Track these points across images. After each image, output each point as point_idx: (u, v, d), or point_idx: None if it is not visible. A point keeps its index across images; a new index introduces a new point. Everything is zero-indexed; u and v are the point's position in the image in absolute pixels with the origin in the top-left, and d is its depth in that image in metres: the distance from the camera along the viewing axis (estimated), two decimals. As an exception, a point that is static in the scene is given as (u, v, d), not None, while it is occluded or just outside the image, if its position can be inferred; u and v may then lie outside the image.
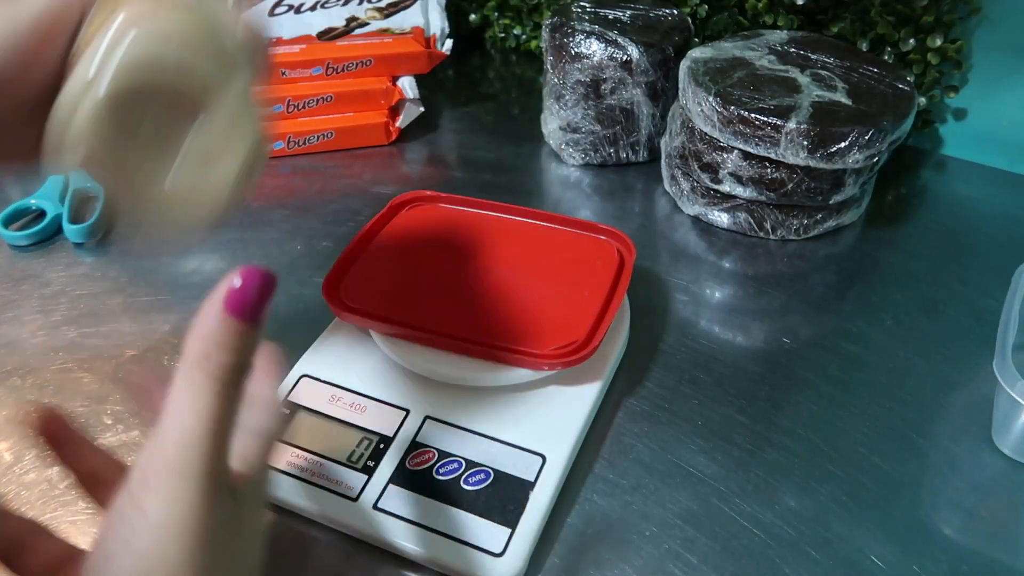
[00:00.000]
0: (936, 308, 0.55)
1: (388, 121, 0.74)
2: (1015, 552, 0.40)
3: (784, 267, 0.59)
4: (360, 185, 0.70)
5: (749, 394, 0.49)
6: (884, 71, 0.60)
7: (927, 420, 0.47)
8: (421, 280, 0.50)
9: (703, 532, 0.41)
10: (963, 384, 0.49)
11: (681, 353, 0.52)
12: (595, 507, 0.42)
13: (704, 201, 0.62)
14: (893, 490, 0.43)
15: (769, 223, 0.60)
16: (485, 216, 0.55)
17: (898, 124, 0.55)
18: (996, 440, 0.45)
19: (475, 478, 0.41)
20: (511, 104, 0.83)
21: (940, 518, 0.42)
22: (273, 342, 0.31)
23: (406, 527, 0.40)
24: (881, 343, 0.52)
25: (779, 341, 0.53)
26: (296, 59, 0.71)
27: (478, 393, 0.46)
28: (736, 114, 0.55)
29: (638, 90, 0.65)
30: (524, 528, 0.39)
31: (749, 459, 0.45)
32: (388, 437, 0.44)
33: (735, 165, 0.58)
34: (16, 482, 0.44)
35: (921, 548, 0.40)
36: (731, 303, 0.56)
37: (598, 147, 0.69)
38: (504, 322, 0.46)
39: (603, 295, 0.47)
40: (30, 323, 0.55)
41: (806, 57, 0.61)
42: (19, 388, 0.50)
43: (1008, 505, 0.43)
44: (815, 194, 0.58)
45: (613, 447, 0.45)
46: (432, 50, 0.73)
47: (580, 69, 0.65)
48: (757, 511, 0.42)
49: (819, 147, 0.54)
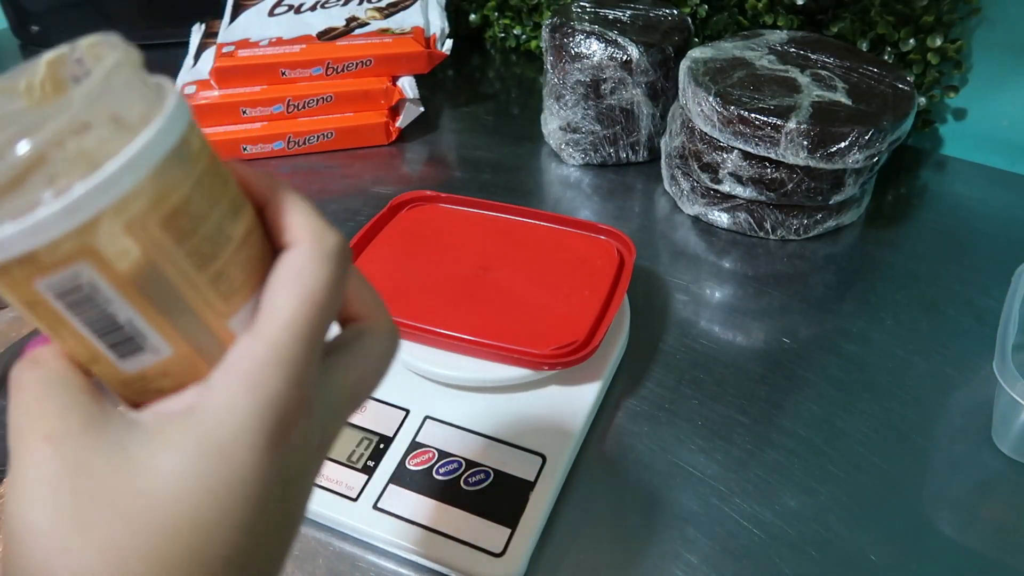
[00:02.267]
0: (936, 308, 0.55)
1: (388, 121, 0.74)
2: (1015, 552, 0.40)
3: (784, 267, 0.59)
4: (360, 185, 0.70)
5: (749, 394, 0.49)
6: (884, 71, 0.60)
7: (927, 420, 0.47)
8: (421, 280, 0.50)
9: (703, 532, 0.41)
10: (963, 384, 0.49)
11: (681, 353, 0.52)
12: (595, 507, 0.42)
13: (704, 201, 0.62)
14: (893, 490, 0.43)
15: (769, 223, 0.60)
16: (485, 216, 0.55)
17: (898, 124, 0.55)
18: (996, 440, 0.45)
19: (475, 478, 0.41)
20: (511, 104, 0.83)
21: (940, 518, 0.42)
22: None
23: (406, 527, 0.40)
24: (881, 343, 0.52)
25: (779, 341, 0.53)
26: (296, 59, 0.71)
27: (478, 393, 0.46)
28: (736, 114, 0.55)
29: (638, 90, 0.65)
30: (524, 528, 0.39)
31: (749, 459, 0.45)
32: (388, 437, 0.44)
33: (735, 165, 0.58)
34: (16, 482, 0.44)
35: (921, 548, 0.40)
36: (731, 303, 0.56)
37: (598, 147, 0.69)
38: (504, 322, 0.46)
39: (603, 295, 0.47)
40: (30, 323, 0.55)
41: (806, 57, 0.61)
42: (19, 388, 0.50)
43: (1008, 505, 0.43)
44: (815, 194, 0.58)
45: (613, 447, 0.45)
46: (432, 50, 0.73)
47: (580, 69, 0.65)
48: (757, 511, 0.42)
49: (819, 147, 0.54)
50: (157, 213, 0.18)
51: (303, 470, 0.21)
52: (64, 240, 0.17)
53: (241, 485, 0.19)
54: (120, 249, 0.18)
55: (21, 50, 0.95)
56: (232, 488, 0.19)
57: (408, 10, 0.78)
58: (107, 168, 0.17)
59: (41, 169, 0.17)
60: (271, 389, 0.19)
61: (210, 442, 0.19)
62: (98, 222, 0.17)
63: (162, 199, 0.18)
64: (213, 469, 0.19)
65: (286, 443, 0.20)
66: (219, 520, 0.19)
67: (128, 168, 0.17)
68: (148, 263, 0.19)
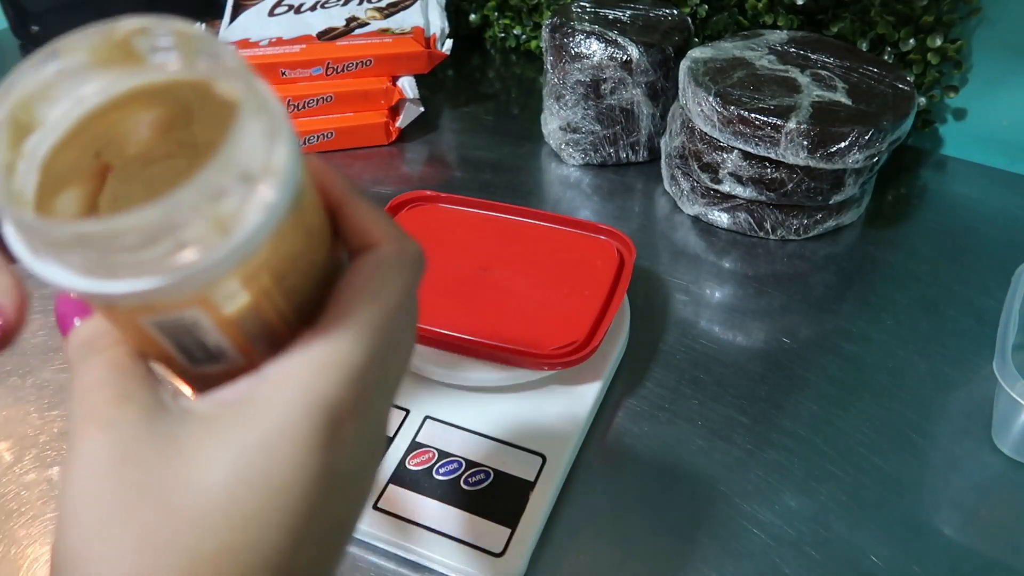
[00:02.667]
0: (936, 308, 0.55)
1: (388, 121, 0.74)
2: (1015, 552, 0.40)
3: (784, 267, 0.59)
4: (360, 185, 0.69)
5: (749, 394, 0.49)
6: (884, 71, 0.60)
7: (927, 420, 0.47)
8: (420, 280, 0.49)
9: (703, 532, 0.41)
10: (963, 384, 0.49)
11: (681, 353, 0.52)
12: (595, 507, 0.42)
13: (704, 201, 0.62)
14: (893, 490, 0.43)
15: (769, 223, 0.60)
16: (485, 216, 0.55)
17: (898, 124, 0.55)
18: (996, 440, 0.45)
19: (475, 478, 0.41)
20: (511, 104, 0.83)
21: (940, 518, 0.42)
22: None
23: (406, 527, 0.40)
24: (881, 343, 0.52)
25: (779, 341, 0.53)
26: (296, 59, 0.71)
27: (478, 393, 0.46)
28: (736, 114, 0.55)
29: (638, 90, 0.65)
30: (524, 528, 0.39)
31: (749, 459, 0.45)
32: (388, 437, 0.44)
33: (735, 165, 0.58)
34: (16, 482, 0.44)
35: (921, 548, 0.40)
36: (731, 303, 0.56)
37: (598, 147, 0.69)
38: (504, 322, 0.46)
39: (603, 295, 0.47)
40: (30, 323, 0.55)
41: (806, 57, 0.61)
42: (19, 388, 0.50)
43: (1008, 505, 0.43)
44: (815, 194, 0.58)
45: (613, 447, 0.45)
46: (432, 50, 0.73)
47: (580, 69, 0.65)
48: (757, 511, 0.42)
49: (819, 147, 0.54)
50: (270, 264, 0.19)
51: (354, 473, 0.21)
52: (183, 295, 0.18)
53: (282, 483, 0.18)
54: (231, 297, 0.18)
55: (21, 50, 0.95)
56: (272, 485, 0.18)
57: (408, 10, 0.78)
58: (237, 236, 0.17)
59: (173, 233, 0.16)
60: (323, 388, 0.19)
61: (254, 436, 0.19)
62: (220, 281, 0.18)
63: (277, 251, 0.19)
64: (255, 464, 0.18)
65: (336, 444, 0.19)
66: (256, 517, 0.18)
67: (256, 233, 0.17)
68: (253, 306, 0.19)
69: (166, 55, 0.19)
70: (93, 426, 0.19)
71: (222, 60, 0.19)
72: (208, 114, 0.19)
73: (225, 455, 0.18)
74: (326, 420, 0.19)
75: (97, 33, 0.19)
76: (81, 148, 0.19)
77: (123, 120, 0.19)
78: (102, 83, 0.19)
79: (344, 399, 0.19)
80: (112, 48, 0.19)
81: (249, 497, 0.18)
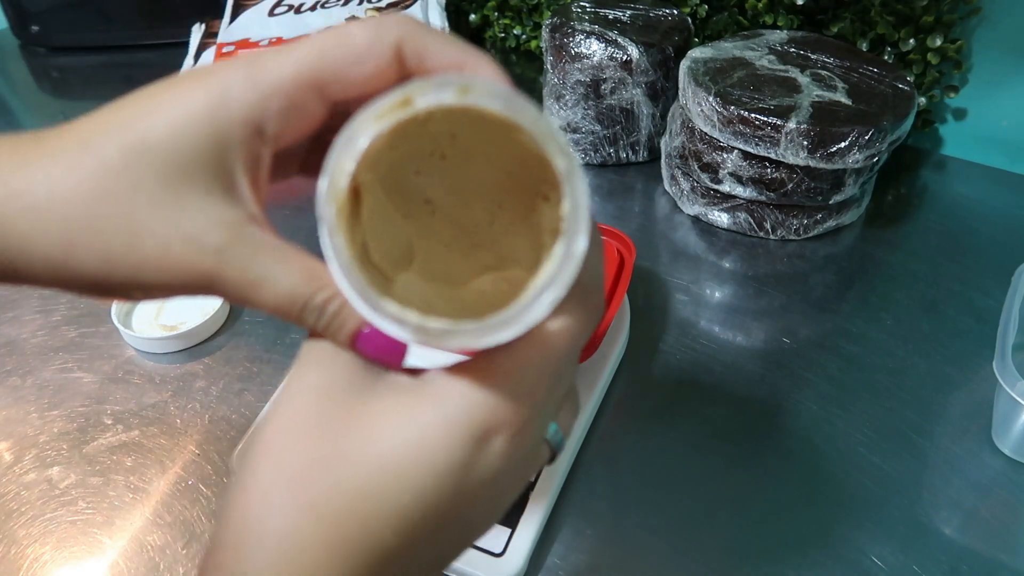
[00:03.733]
0: (936, 308, 0.55)
1: (388, 121, 0.74)
2: (1015, 552, 0.40)
3: (784, 267, 0.59)
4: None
5: (749, 394, 0.49)
6: (884, 71, 0.60)
7: (927, 420, 0.47)
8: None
9: (703, 532, 0.41)
10: (963, 384, 0.49)
11: (681, 353, 0.52)
12: (595, 507, 0.42)
13: (704, 201, 0.62)
14: (893, 490, 0.43)
15: (769, 223, 0.60)
16: (485, 216, 0.55)
17: (898, 124, 0.55)
18: (996, 440, 0.45)
19: (475, 478, 0.41)
20: (511, 104, 0.83)
21: (940, 518, 0.42)
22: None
23: (406, 527, 0.40)
24: (881, 343, 0.52)
25: (779, 341, 0.53)
26: (296, 59, 0.71)
27: (478, 393, 0.46)
28: (736, 114, 0.55)
29: (638, 90, 0.65)
30: (524, 528, 0.39)
31: (749, 459, 0.45)
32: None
33: (735, 165, 0.58)
34: (16, 482, 0.44)
35: (921, 548, 0.40)
36: (731, 303, 0.56)
37: (598, 147, 0.69)
38: (504, 322, 0.46)
39: (603, 295, 0.47)
40: (30, 323, 0.55)
41: (806, 57, 0.61)
42: (19, 388, 0.50)
43: (1008, 505, 0.43)
44: (815, 194, 0.58)
45: (613, 447, 0.45)
46: (432, 50, 0.73)
47: (580, 69, 0.65)
48: (757, 511, 0.42)
49: (819, 147, 0.54)
50: None
51: (491, 488, 0.21)
52: None
53: (420, 477, 0.19)
54: None
55: (21, 50, 0.95)
56: (408, 475, 0.19)
57: (408, 10, 0.78)
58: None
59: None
60: (484, 397, 0.20)
61: (417, 425, 0.20)
62: None
63: None
64: (407, 452, 0.19)
65: (482, 453, 0.20)
66: (387, 500, 0.19)
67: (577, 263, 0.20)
68: None
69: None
70: (299, 386, 0.20)
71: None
72: (471, 130, 0.22)
73: (387, 435, 0.19)
74: (478, 429, 0.20)
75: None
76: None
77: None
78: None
79: (498, 411, 0.20)
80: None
81: (386, 483, 0.19)
